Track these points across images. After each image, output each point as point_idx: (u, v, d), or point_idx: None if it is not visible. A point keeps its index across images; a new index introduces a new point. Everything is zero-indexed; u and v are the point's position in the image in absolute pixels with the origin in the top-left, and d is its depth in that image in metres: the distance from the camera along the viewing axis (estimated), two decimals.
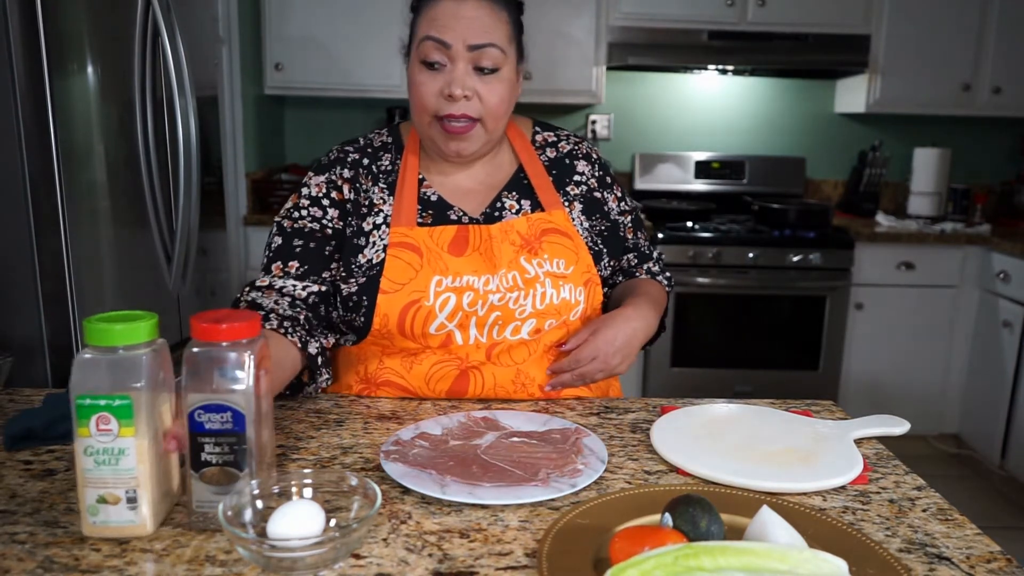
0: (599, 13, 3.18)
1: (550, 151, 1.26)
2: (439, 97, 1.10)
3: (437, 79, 1.10)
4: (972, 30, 3.24)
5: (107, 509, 0.74)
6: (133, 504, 0.74)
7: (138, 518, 0.74)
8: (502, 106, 1.13)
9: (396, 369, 1.16)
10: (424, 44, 1.09)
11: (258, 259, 3.04)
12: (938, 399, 3.24)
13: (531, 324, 1.14)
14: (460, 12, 1.08)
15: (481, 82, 1.10)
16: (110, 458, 0.74)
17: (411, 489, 0.84)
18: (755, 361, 3.13)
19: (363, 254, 1.14)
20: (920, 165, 3.41)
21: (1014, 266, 2.92)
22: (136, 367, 0.74)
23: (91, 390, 0.73)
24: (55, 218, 1.58)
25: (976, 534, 0.79)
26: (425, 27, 1.10)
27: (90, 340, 0.74)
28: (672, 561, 0.60)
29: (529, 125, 1.28)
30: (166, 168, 1.99)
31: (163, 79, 1.96)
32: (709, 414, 1.08)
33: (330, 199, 1.18)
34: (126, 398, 0.73)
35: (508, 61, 1.12)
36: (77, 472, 0.75)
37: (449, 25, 1.08)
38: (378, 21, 3.12)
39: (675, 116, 3.66)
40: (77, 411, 0.73)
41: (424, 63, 1.10)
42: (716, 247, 3.02)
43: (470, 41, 1.08)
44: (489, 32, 1.09)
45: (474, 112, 1.11)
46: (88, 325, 0.75)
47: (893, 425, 1.04)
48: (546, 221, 1.18)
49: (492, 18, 1.10)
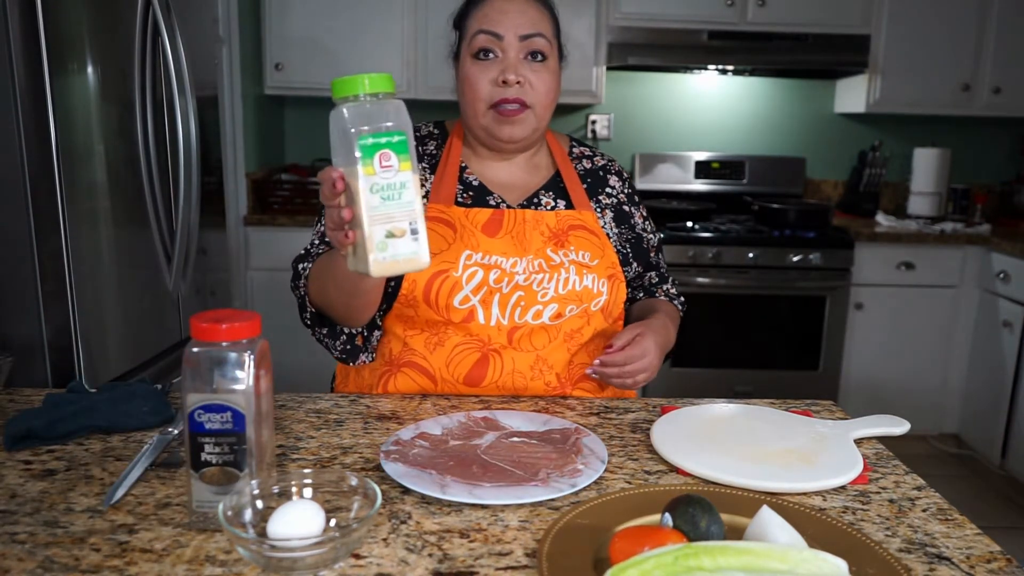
0: (599, 13, 3.18)
1: (585, 163, 1.34)
2: (493, 85, 1.18)
3: (490, 68, 1.18)
4: (972, 30, 3.24)
5: (395, 243, 0.79)
6: (415, 235, 0.79)
7: (420, 248, 0.79)
8: (550, 95, 1.21)
9: (419, 350, 1.18)
10: (477, 37, 1.18)
11: (258, 259, 3.05)
12: (938, 399, 3.24)
13: (553, 308, 1.17)
14: (509, 7, 1.18)
15: (531, 70, 1.18)
16: (394, 193, 0.78)
17: (411, 489, 0.84)
18: (755, 361, 3.13)
19: None
20: (920, 165, 3.41)
21: (1014, 266, 2.92)
22: (397, 111, 0.82)
23: (365, 131, 0.78)
24: (55, 218, 1.58)
25: (976, 534, 0.79)
26: (477, 23, 1.19)
27: (340, 92, 0.82)
28: (672, 561, 0.60)
29: (566, 140, 1.38)
30: (166, 168, 1.99)
31: (163, 79, 1.96)
32: (709, 414, 1.08)
33: None
34: (402, 133, 0.78)
35: (553, 53, 1.22)
36: (361, 214, 0.79)
37: (499, 19, 1.17)
38: (378, 21, 3.12)
39: (675, 116, 3.66)
40: (361, 151, 0.78)
41: (477, 56, 1.19)
42: (716, 247, 3.02)
43: (521, 31, 1.17)
44: (536, 23, 1.19)
45: (526, 98, 1.18)
46: (335, 82, 0.83)
47: (893, 425, 1.04)
48: (575, 218, 1.25)
49: (539, 13, 1.20)
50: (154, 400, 1.04)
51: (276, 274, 3.01)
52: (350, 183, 0.82)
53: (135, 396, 1.04)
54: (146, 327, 1.95)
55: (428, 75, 3.14)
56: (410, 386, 1.18)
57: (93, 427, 0.98)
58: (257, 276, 3.06)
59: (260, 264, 3.05)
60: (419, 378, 1.18)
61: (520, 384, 1.17)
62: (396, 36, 3.13)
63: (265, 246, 3.04)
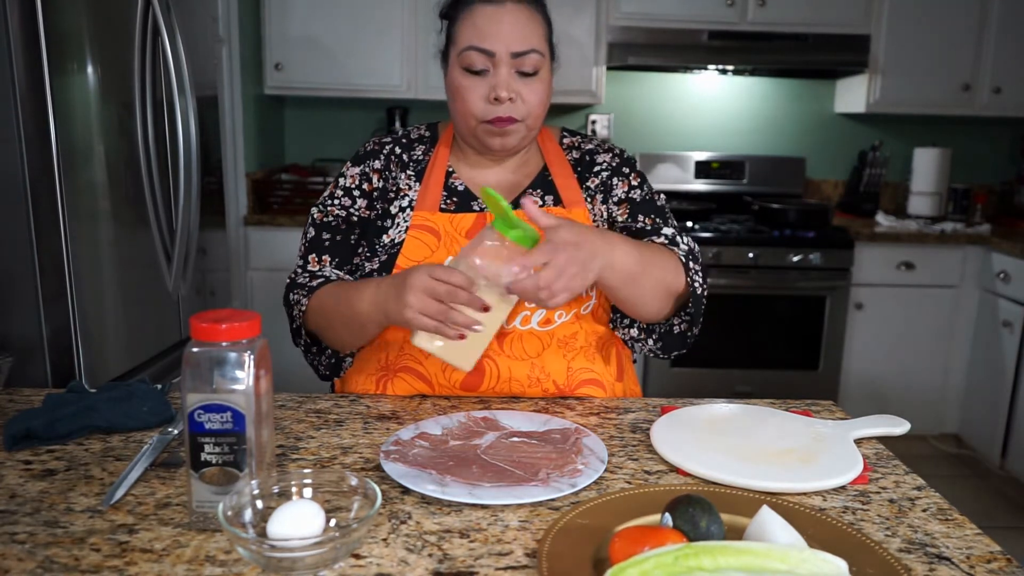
0: (599, 13, 3.18)
1: (575, 152, 1.31)
2: (485, 102, 1.16)
3: (481, 84, 1.15)
4: (972, 30, 3.24)
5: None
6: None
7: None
8: (542, 105, 1.19)
9: (415, 355, 1.18)
10: (468, 53, 1.15)
11: (258, 259, 3.05)
12: (938, 399, 3.24)
13: (540, 314, 1.17)
14: (500, 18, 1.13)
15: (523, 84, 1.16)
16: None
17: (411, 489, 0.84)
18: (755, 361, 3.13)
19: (387, 235, 1.22)
20: (920, 165, 3.41)
21: (1014, 266, 2.92)
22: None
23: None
24: (55, 218, 1.58)
25: (976, 534, 0.79)
26: (467, 36, 1.15)
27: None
28: (672, 561, 0.60)
29: (557, 131, 1.34)
30: (166, 168, 1.99)
31: (163, 79, 1.96)
32: (709, 414, 1.08)
33: (360, 190, 1.26)
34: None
35: (545, 63, 1.18)
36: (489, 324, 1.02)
37: (491, 33, 1.13)
38: (378, 21, 3.12)
39: (675, 116, 3.66)
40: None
41: (468, 70, 1.16)
42: (716, 247, 3.02)
43: (512, 48, 1.14)
44: (529, 38, 1.15)
45: (518, 113, 1.16)
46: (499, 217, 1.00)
47: (893, 425, 1.04)
48: (564, 216, 1.18)
49: (531, 22, 1.15)
50: (154, 400, 1.04)
51: (276, 274, 3.01)
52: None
53: (135, 396, 1.04)
54: (146, 327, 1.95)
55: (428, 75, 3.14)
56: (407, 391, 1.18)
57: (93, 427, 0.98)
58: (257, 276, 3.06)
59: (260, 264, 3.05)
60: (416, 383, 1.17)
61: (518, 390, 1.17)
62: (396, 36, 3.13)
63: (265, 246, 3.04)
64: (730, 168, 3.61)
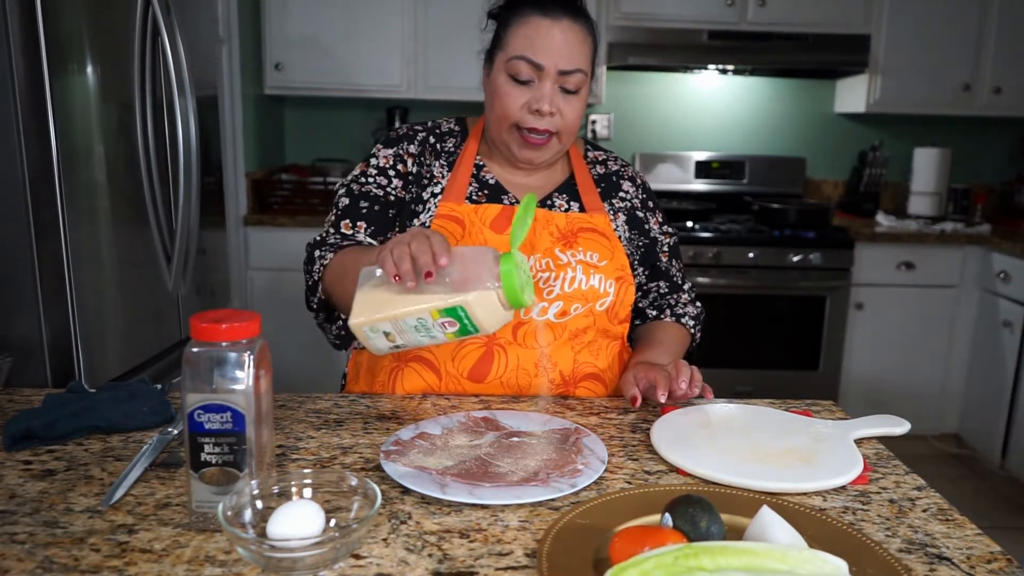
0: (599, 13, 3.18)
1: (599, 168, 1.35)
2: (524, 110, 1.18)
3: (524, 93, 1.17)
4: (972, 30, 3.24)
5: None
6: (396, 347, 0.98)
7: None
8: (578, 121, 1.22)
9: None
10: (517, 62, 1.16)
11: (258, 259, 3.04)
12: (938, 399, 3.24)
13: (558, 306, 1.18)
14: (553, 33, 1.15)
15: (564, 100, 1.18)
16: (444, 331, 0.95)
17: (411, 489, 0.84)
18: (755, 361, 3.13)
19: (418, 219, 1.23)
20: (920, 165, 3.41)
21: (1014, 266, 2.92)
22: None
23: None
24: (55, 218, 1.58)
25: (976, 534, 0.79)
26: (518, 45, 1.16)
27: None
28: (672, 561, 0.60)
29: (581, 143, 1.38)
30: (166, 168, 1.99)
31: (163, 79, 1.96)
32: (709, 414, 1.08)
33: (396, 170, 1.27)
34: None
35: (586, 82, 1.20)
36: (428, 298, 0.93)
37: (543, 47, 1.15)
38: (378, 21, 3.12)
39: (675, 116, 3.66)
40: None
41: (513, 78, 1.17)
42: (716, 247, 3.01)
43: (561, 66, 1.16)
44: (577, 58, 1.17)
45: (554, 127, 1.19)
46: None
47: (893, 425, 1.04)
48: (586, 221, 1.25)
49: (581, 42, 1.18)
50: (154, 400, 1.04)
51: (276, 274, 3.01)
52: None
53: (135, 396, 1.04)
54: (146, 327, 1.95)
55: (428, 75, 3.14)
56: (417, 382, 1.18)
57: (93, 427, 0.98)
58: (257, 276, 3.06)
59: (260, 264, 3.05)
60: (425, 372, 1.18)
61: (524, 381, 1.17)
62: (396, 36, 3.13)
63: (265, 246, 3.04)
64: (730, 168, 3.61)
